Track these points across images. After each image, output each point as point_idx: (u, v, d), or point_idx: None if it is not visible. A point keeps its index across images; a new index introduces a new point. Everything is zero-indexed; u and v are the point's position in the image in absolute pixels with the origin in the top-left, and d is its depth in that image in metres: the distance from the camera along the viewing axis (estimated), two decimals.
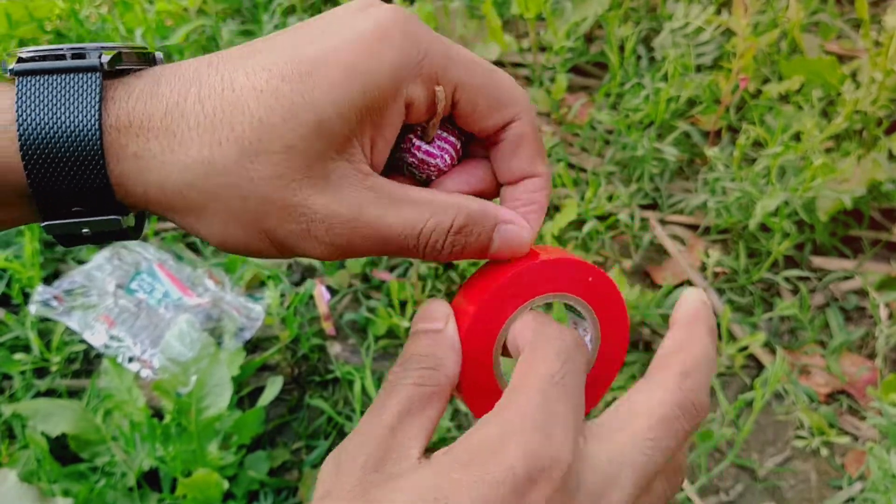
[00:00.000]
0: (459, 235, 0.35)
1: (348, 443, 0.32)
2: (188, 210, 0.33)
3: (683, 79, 1.33)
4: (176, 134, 0.32)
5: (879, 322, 1.16)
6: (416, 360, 0.34)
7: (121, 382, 1.05)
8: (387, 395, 0.33)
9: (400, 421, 0.32)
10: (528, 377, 0.32)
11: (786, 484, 1.08)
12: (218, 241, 0.34)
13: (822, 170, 1.13)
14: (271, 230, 0.33)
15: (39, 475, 0.98)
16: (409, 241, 0.34)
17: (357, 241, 0.34)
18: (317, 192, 0.33)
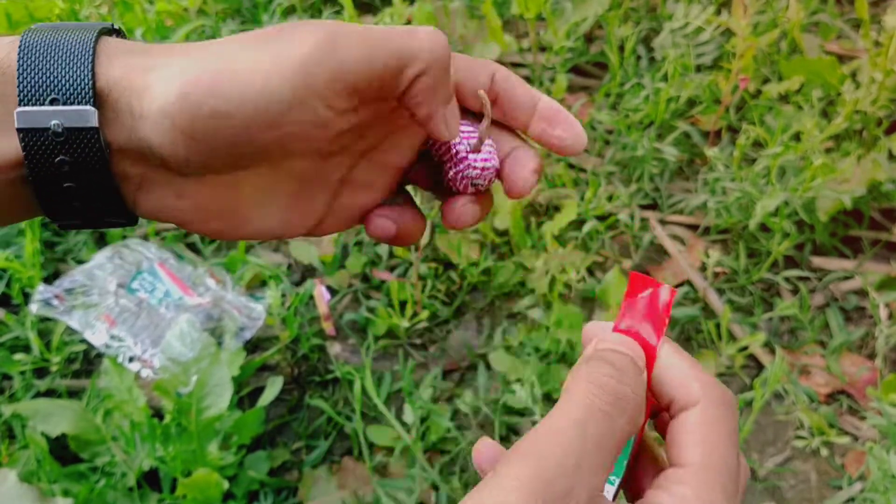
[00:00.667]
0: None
1: (554, 468, 0.29)
2: (161, 63, 0.33)
3: (683, 79, 1.33)
4: (173, 52, 0.33)
5: (879, 322, 1.16)
6: (632, 386, 0.32)
7: (121, 382, 1.05)
8: (601, 420, 0.31)
9: (606, 458, 0.30)
10: (711, 467, 0.31)
11: (786, 484, 1.08)
12: (195, 96, 0.32)
13: (822, 170, 1.13)
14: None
15: (39, 475, 0.98)
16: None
17: (346, 40, 0.32)
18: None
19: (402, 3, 1.45)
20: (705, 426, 0.32)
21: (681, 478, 0.31)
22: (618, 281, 1.16)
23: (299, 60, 0.32)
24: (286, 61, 0.32)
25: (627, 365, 0.33)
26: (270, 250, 1.33)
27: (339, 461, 1.09)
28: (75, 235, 1.30)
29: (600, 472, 0.29)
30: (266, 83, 0.32)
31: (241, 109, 0.32)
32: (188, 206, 0.36)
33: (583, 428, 0.30)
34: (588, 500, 0.29)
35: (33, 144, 0.32)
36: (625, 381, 0.32)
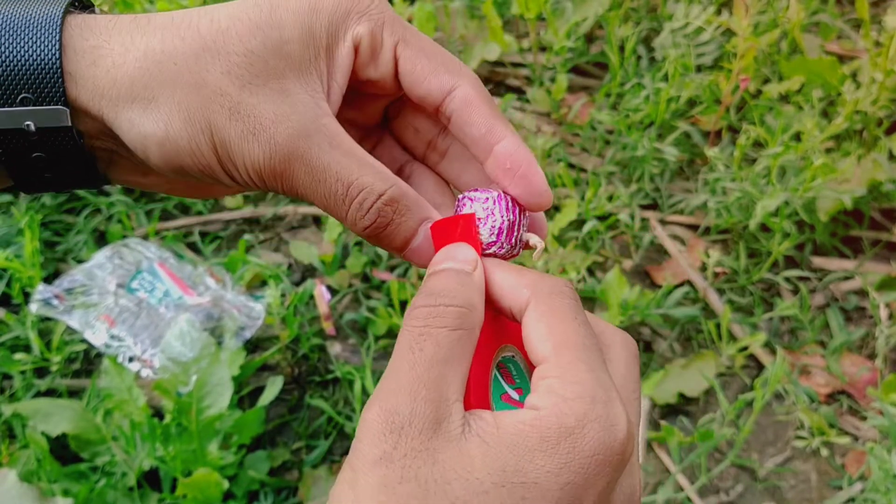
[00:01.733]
0: (388, 207, 0.34)
1: (392, 397, 0.30)
2: (135, 99, 0.32)
3: (684, 79, 1.33)
4: (139, 30, 0.33)
5: (879, 322, 1.16)
6: (449, 296, 0.32)
7: (121, 382, 1.05)
8: (424, 340, 0.31)
9: (444, 370, 0.30)
10: (562, 347, 0.31)
11: (786, 484, 1.08)
12: (159, 137, 0.33)
13: (823, 170, 1.13)
14: (217, 126, 0.33)
15: (39, 475, 0.98)
16: (338, 189, 0.33)
17: (294, 165, 0.33)
18: (271, 100, 0.33)
19: (402, 3, 1.45)
20: (544, 318, 0.32)
21: (542, 372, 0.31)
22: (618, 281, 1.16)
23: (247, 173, 0.33)
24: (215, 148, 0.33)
25: (441, 283, 0.33)
26: (271, 250, 1.33)
27: (339, 461, 1.09)
28: (75, 235, 1.30)
29: (442, 385, 0.30)
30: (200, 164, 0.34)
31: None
32: (154, 182, 0.37)
33: (408, 356, 0.30)
34: (429, 412, 0.29)
35: (8, 142, 0.33)
36: (437, 301, 0.32)
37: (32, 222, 1.19)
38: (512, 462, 0.28)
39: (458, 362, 0.31)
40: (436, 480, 0.28)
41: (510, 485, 0.28)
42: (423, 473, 0.28)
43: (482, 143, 0.36)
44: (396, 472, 0.28)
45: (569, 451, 0.29)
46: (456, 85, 0.36)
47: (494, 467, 0.28)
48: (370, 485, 0.28)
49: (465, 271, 0.34)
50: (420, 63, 0.36)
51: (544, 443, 0.29)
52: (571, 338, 0.31)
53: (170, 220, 1.35)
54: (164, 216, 1.35)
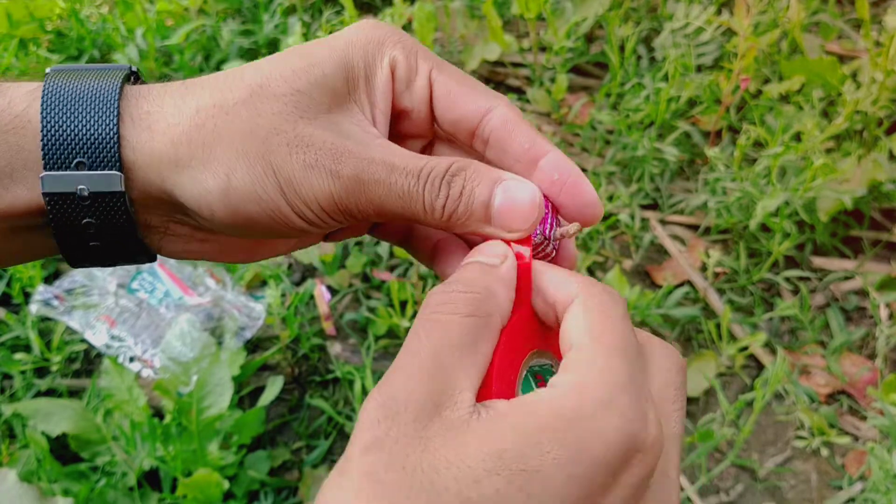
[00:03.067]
0: (457, 177, 0.33)
1: (392, 384, 0.28)
2: (193, 157, 0.32)
3: (684, 79, 1.33)
4: (188, 90, 0.34)
5: (879, 322, 1.16)
6: (464, 283, 0.31)
7: (121, 382, 1.05)
8: (431, 327, 0.29)
9: (451, 357, 0.28)
10: (604, 336, 0.29)
11: (786, 484, 1.08)
12: (222, 189, 0.32)
13: (823, 170, 1.13)
14: (278, 164, 0.32)
15: (39, 475, 0.98)
16: (409, 181, 0.33)
17: (364, 179, 0.33)
18: (324, 129, 0.33)
19: (402, 3, 1.45)
20: (589, 312, 0.30)
21: (572, 356, 0.29)
22: (619, 281, 1.16)
23: (319, 206, 0.33)
24: (307, 202, 0.33)
25: (463, 273, 0.32)
26: None
27: None
28: None
29: (448, 373, 0.28)
30: (285, 221, 0.34)
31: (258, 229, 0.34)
32: (212, 249, 0.37)
33: (413, 343, 0.29)
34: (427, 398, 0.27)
35: (59, 207, 0.32)
36: (451, 287, 0.31)
37: None
38: (512, 446, 0.26)
39: (471, 350, 0.29)
40: (423, 469, 0.26)
41: (507, 472, 0.25)
42: (411, 461, 0.26)
43: (526, 158, 0.35)
44: (384, 459, 0.26)
45: (580, 437, 0.26)
46: (493, 106, 0.36)
47: (490, 453, 0.26)
48: (358, 471, 0.26)
49: (490, 263, 0.32)
50: (454, 87, 0.36)
51: (554, 425, 0.26)
52: (615, 332, 0.29)
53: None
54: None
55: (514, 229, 0.33)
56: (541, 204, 0.34)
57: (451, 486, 0.25)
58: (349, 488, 0.26)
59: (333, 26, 1.46)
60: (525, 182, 0.34)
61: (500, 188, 0.33)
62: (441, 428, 0.27)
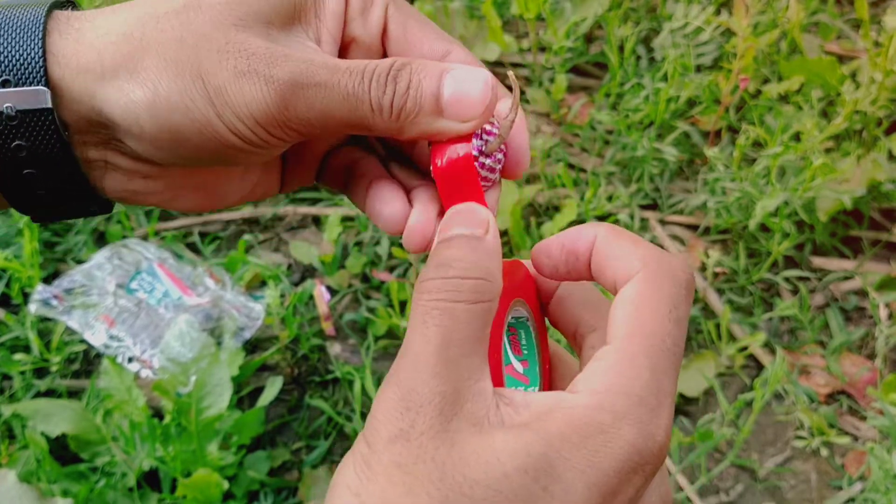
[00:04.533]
0: (403, 71, 0.31)
1: (409, 375, 0.28)
2: (120, 67, 0.31)
3: (683, 79, 1.33)
4: (122, 6, 0.32)
5: (879, 322, 1.16)
6: (463, 266, 0.30)
7: (121, 382, 1.05)
8: (440, 315, 0.29)
9: (464, 346, 0.28)
10: (635, 337, 0.29)
11: (786, 484, 1.08)
12: (149, 99, 0.31)
13: (822, 170, 1.13)
14: (207, 71, 0.30)
15: (39, 475, 0.98)
16: (354, 81, 0.31)
17: (303, 81, 0.31)
18: (260, 37, 0.31)
19: None
20: (638, 299, 0.29)
21: (601, 354, 0.29)
22: None
23: (253, 119, 0.31)
24: (238, 112, 0.31)
25: (454, 252, 0.31)
26: (270, 250, 1.33)
27: (339, 461, 1.09)
28: (75, 235, 1.30)
29: (462, 364, 0.28)
30: (215, 132, 0.31)
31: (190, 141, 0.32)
32: (159, 186, 0.35)
33: (423, 332, 0.29)
34: (448, 392, 0.28)
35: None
36: (451, 273, 0.30)
37: (32, 222, 1.19)
38: (537, 447, 0.27)
39: (481, 336, 0.29)
40: (454, 462, 0.26)
41: (534, 471, 0.26)
42: (440, 454, 0.27)
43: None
44: (413, 452, 0.27)
45: (597, 449, 0.27)
46: (449, 50, 0.34)
47: (517, 450, 0.27)
48: (385, 462, 0.27)
49: (475, 236, 0.31)
50: (411, 25, 0.35)
51: (573, 434, 0.27)
52: (652, 330, 0.29)
53: (169, 220, 1.34)
54: (163, 216, 1.35)
55: (468, 118, 0.31)
56: (494, 87, 0.32)
57: (481, 480, 0.26)
58: (380, 477, 0.27)
59: None
60: (474, 68, 0.32)
61: (448, 77, 0.31)
62: (466, 422, 0.27)
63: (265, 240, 1.34)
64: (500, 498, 0.26)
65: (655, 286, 0.30)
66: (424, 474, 0.26)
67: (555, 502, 0.26)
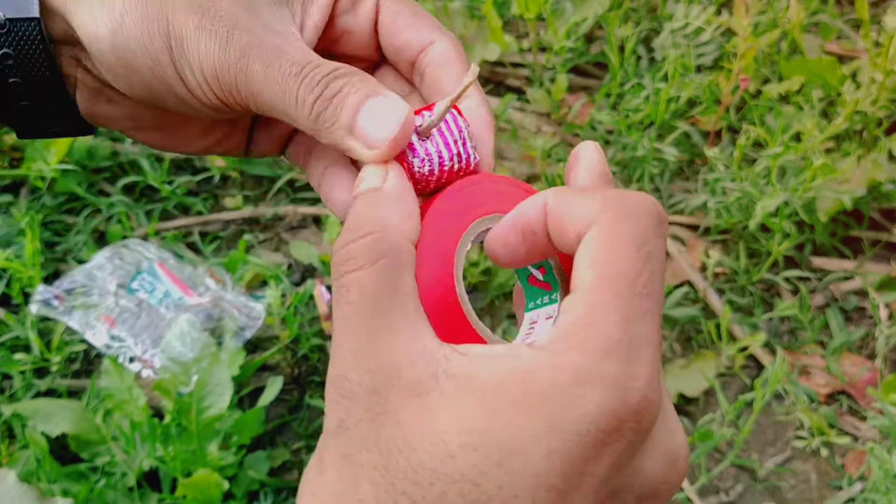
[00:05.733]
0: (339, 79, 0.31)
1: (338, 361, 0.27)
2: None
3: (683, 79, 1.33)
4: None
5: (879, 322, 1.16)
6: (355, 228, 0.28)
7: (121, 382, 1.05)
8: (347, 290, 0.27)
9: (378, 314, 0.26)
10: (603, 281, 0.26)
11: (786, 484, 1.08)
12: (111, 29, 0.32)
13: (822, 170, 1.13)
14: (173, 19, 0.32)
15: (39, 475, 0.98)
16: (292, 70, 0.31)
17: (250, 57, 0.31)
18: (236, 4, 0.32)
19: None
20: (602, 242, 0.26)
21: (566, 305, 0.26)
22: None
23: (202, 73, 0.32)
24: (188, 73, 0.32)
25: (349, 216, 0.29)
26: (271, 250, 1.33)
27: None
28: (75, 236, 1.30)
29: (383, 331, 0.26)
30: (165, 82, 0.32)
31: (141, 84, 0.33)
32: (120, 114, 0.36)
33: (338, 315, 0.27)
34: (386, 366, 0.26)
35: None
36: (344, 238, 0.29)
37: (33, 222, 1.19)
38: (486, 419, 0.24)
39: (397, 295, 0.27)
40: (398, 446, 0.24)
41: (483, 448, 0.24)
42: (383, 438, 0.25)
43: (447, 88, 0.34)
44: (355, 441, 0.25)
45: (557, 412, 0.24)
46: (435, 39, 0.34)
47: (463, 426, 0.24)
48: (333, 454, 0.26)
49: (370, 188, 0.30)
50: (402, 15, 0.35)
51: (527, 399, 0.24)
52: (622, 272, 0.26)
53: (169, 220, 1.34)
54: (163, 216, 1.35)
55: (372, 144, 0.31)
56: (407, 126, 0.31)
57: (426, 462, 0.24)
58: (330, 470, 0.26)
59: None
60: (399, 101, 0.31)
61: (370, 101, 0.31)
62: (406, 394, 0.25)
63: (265, 240, 1.34)
64: (448, 480, 0.24)
65: (619, 223, 0.26)
66: (369, 462, 0.25)
67: (512, 478, 0.24)
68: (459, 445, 0.24)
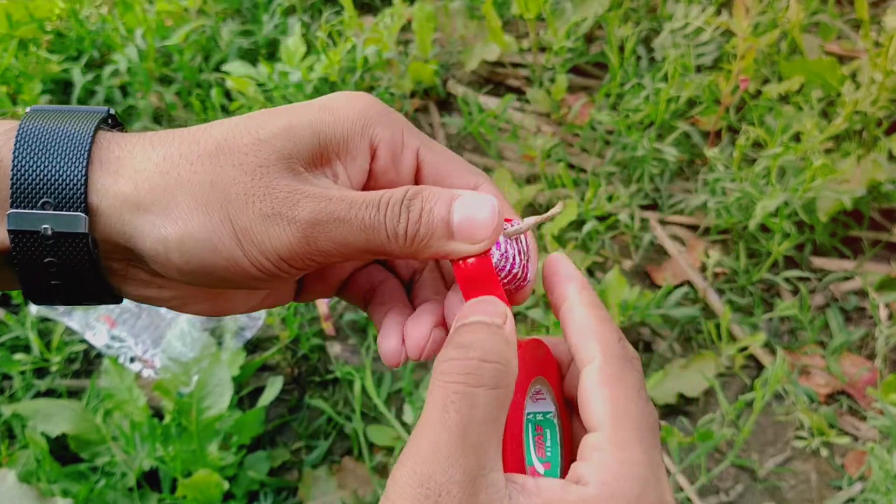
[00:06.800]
0: (415, 200, 0.33)
1: (426, 460, 0.29)
2: (154, 203, 0.33)
3: (683, 79, 1.33)
4: (159, 140, 0.34)
5: (879, 322, 1.16)
6: (482, 351, 0.31)
7: (121, 382, 1.05)
8: (459, 400, 0.30)
9: (481, 434, 0.29)
10: (622, 422, 0.31)
11: (786, 484, 1.08)
12: (179, 236, 0.33)
13: (822, 170, 1.13)
14: (235, 213, 0.32)
15: (39, 475, 0.98)
16: (370, 213, 0.33)
17: (323, 218, 0.32)
18: (283, 177, 0.33)
19: (401, 4, 1.45)
20: (609, 384, 0.32)
21: (597, 443, 0.31)
22: (618, 281, 1.16)
23: (278, 256, 0.33)
24: (265, 254, 0.33)
25: (474, 336, 0.32)
26: None
27: (339, 461, 1.09)
28: None
29: (480, 451, 0.29)
30: (242, 272, 0.33)
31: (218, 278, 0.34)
32: (170, 295, 0.37)
33: (442, 417, 0.29)
34: (466, 481, 0.29)
35: (23, 245, 0.32)
36: (471, 354, 0.31)
37: None
38: None
39: (496, 425, 0.30)
40: None
41: None
42: None
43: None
44: None
45: None
46: (479, 183, 0.36)
47: None
48: None
49: (496, 324, 0.32)
50: (443, 164, 0.37)
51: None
52: (632, 412, 0.32)
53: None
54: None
55: (476, 239, 0.33)
56: (500, 213, 0.34)
57: None
58: None
59: (333, 26, 1.46)
60: (481, 195, 0.34)
61: (457, 203, 0.33)
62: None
63: None
64: None
65: (619, 370, 0.33)
66: None
67: None
68: None
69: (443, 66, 1.55)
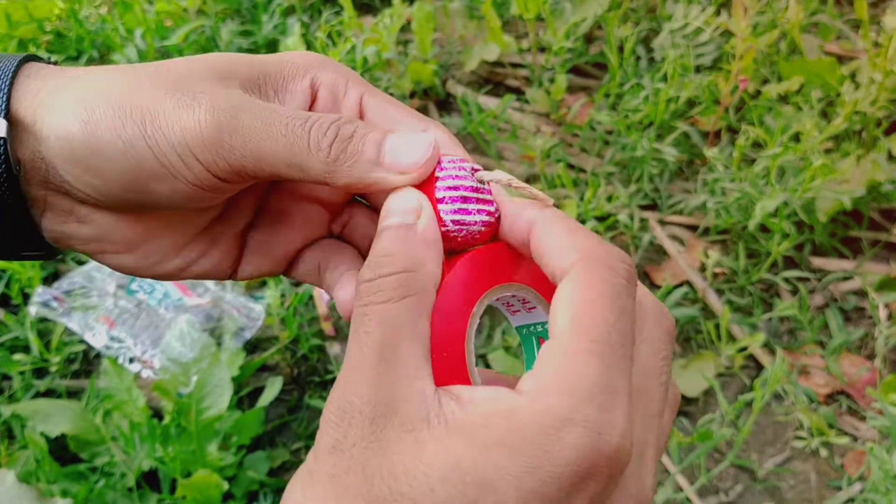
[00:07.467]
0: (349, 124, 0.31)
1: (345, 385, 0.28)
2: (64, 102, 0.31)
3: (683, 79, 1.33)
4: (92, 68, 0.33)
5: (879, 323, 1.16)
6: (388, 262, 0.29)
7: (121, 382, 1.05)
8: (369, 320, 0.28)
9: (395, 349, 0.28)
10: (579, 331, 0.27)
11: (785, 484, 1.08)
12: (82, 122, 0.31)
13: (822, 170, 1.13)
14: (150, 105, 0.31)
15: (38, 475, 0.98)
16: (296, 122, 0.31)
17: (242, 115, 0.31)
18: (211, 83, 0.32)
19: (401, 4, 1.45)
20: (579, 290, 0.28)
21: (546, 351, 0.28)
22: None
23: (185, 145, 0.31)
24: (170, 137, 0.31)
25: (382, 245, 0.30)
26: None
27: None
28: None
29: (396, 365, 0.27)
30: (140, 156, 0.31)
31: (117, 168, 0.32)
32: (89, 234, 0.35)
33: (356, 340, 0.28)
34: (378, 398, 0.27)
35: None
36: (379, 272, 0.29)
37: None
38: (468, 456, 0.25)
39: (413, 335, 0.28)
40: (382, 475, 0.26)
41: (462, 484, 0.25)
42: (370, 466, 0.26)
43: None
44: (344, 462, 0.27)
45: (537, 454, 0.25)
46: (427, 128, 0.34)
47: (447, 461, 0.25)
48: (323, 472, 0.27)
49: (405, 224, 0.30)
50: (389, 109, 0.35)
51: (511, 439, 0.25)
52: (598, 323, 0.27)
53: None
54: None
55: (405, 169, 0.31)
56: (437, 148, 0.31)
57: (407, 493, 0.25)
58: (318, 487, 0.27)
59: (332, 26, 1.46)
60: (421, 133, 0.32)
61: (393, 135, 0.32)
62: (399, 430, 0.27)
63: None
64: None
65: (593, 277, 0.28)
66: (353, 486, 0.26)
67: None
68: (439, 479, 0.25)
69: (442, 66, 1.55)
